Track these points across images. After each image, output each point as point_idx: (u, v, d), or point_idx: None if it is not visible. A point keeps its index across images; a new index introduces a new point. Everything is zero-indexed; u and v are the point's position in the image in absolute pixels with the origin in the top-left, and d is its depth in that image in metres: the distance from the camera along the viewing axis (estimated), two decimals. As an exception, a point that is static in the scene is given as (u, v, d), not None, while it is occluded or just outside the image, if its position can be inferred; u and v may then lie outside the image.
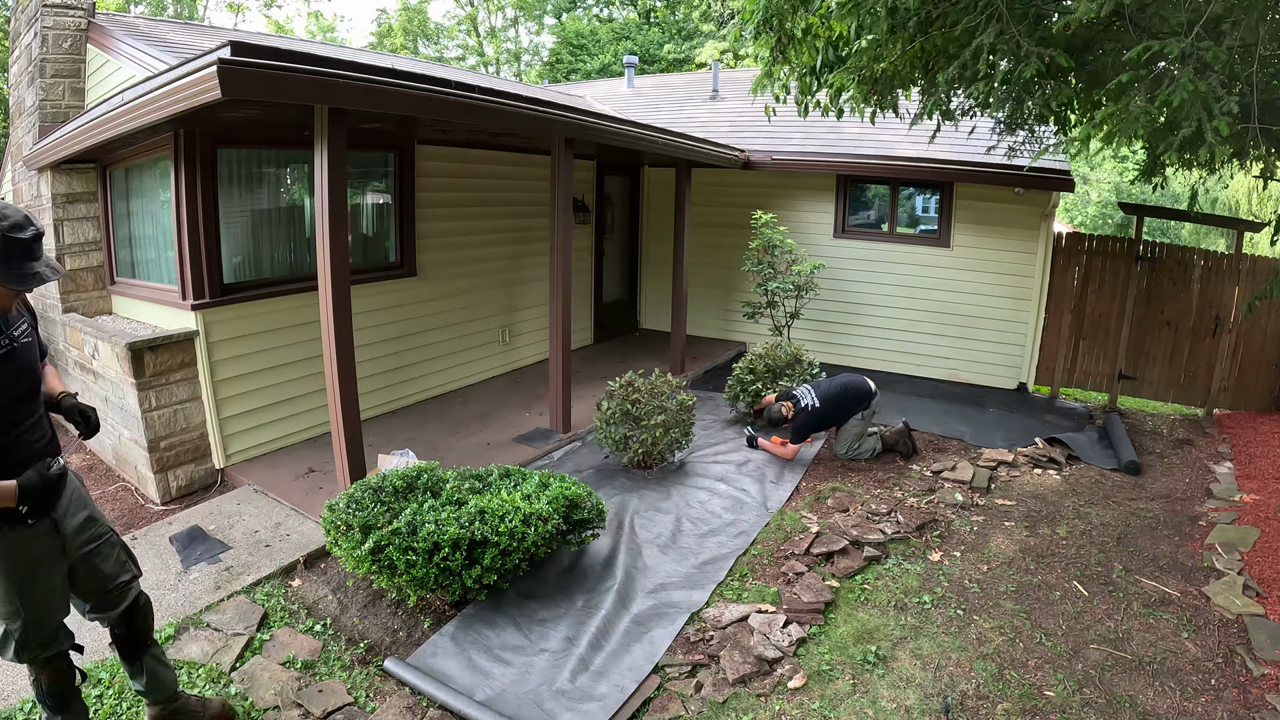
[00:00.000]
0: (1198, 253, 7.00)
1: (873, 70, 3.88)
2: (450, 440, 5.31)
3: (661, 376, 5.10)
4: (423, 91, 3.65)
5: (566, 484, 3.61)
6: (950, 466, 5.23)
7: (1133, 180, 8.06)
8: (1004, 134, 4.95)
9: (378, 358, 5.62)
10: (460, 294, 6.45)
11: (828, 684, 2.92)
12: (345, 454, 3.88)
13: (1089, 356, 7.36)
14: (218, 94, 2.82)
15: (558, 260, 5.18)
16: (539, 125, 4.61)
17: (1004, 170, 6.42)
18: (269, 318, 4.84)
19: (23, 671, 2.83)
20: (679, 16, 25.23)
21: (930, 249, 7.63)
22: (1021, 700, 2.81)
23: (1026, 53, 2.97)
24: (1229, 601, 3.49)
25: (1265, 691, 2.84)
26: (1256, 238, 8.72)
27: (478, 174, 6.58)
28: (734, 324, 8.65)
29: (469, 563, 3.14)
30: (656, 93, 11.71)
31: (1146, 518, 4.55)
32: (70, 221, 5.31)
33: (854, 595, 3.56)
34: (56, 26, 5.37)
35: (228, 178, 4.63)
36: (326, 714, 2.72)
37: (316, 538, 3.79)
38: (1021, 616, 3.42)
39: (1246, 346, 6.87)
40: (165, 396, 4.37)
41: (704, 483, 4.87)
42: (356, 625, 3.28)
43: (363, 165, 5.63)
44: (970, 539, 4.22)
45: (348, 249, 3.73)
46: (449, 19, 28.67)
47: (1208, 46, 2.64)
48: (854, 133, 7.79)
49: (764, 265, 7.15)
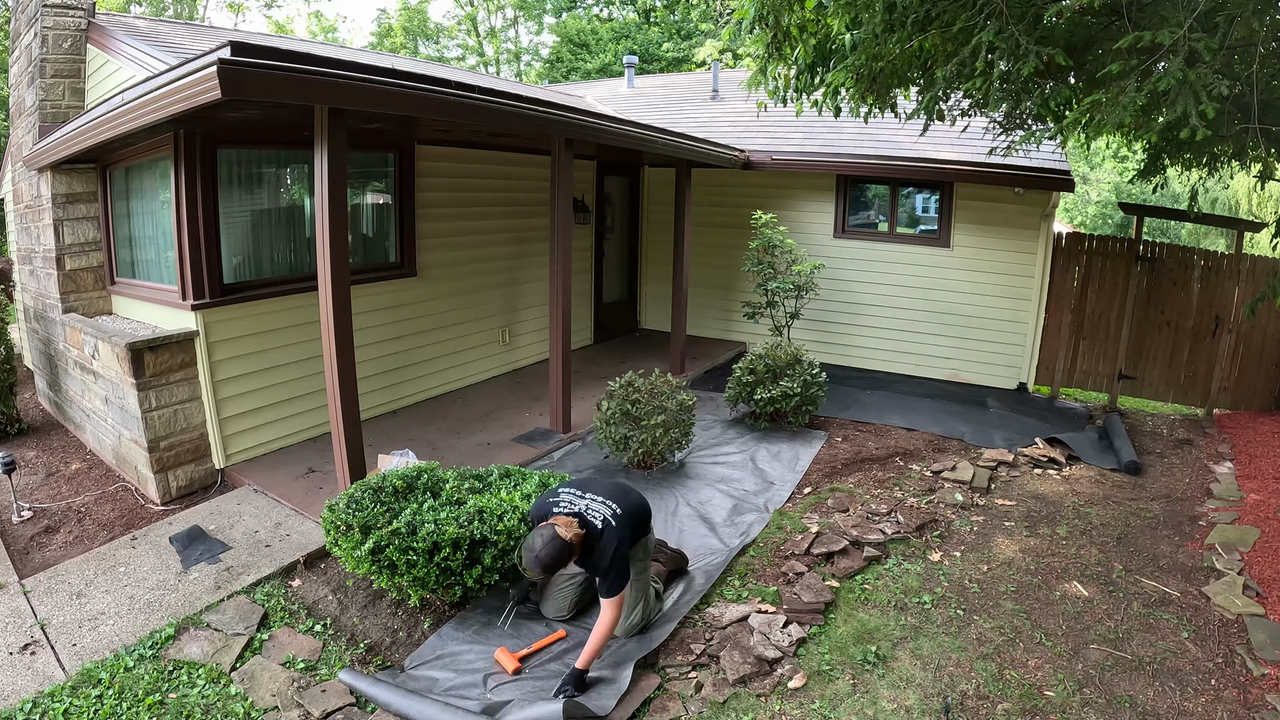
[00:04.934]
0: (1198, 253, 7.00)
1: (870, 68, 3.88)
2: (450, 440, 5.31)
3: (661, 376, 5.10)
4: (423, 92, 3.65)
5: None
6: (950, 466, 5.23)
7: (1133, 180, 8.06)
8: (1002, 132, 4.95)
9: (378, 358, 5.62)
10: (460, 294, 6.45)
11: (828, 684, 2.91)
12: (345, 454, 3.88)
13: (1089, 356, 7.36)
14: (218, 94, 2.82)
15: (558, 260, 5.18)
16: (539, 125, 4.61)
17: (1004, 170, 6.43)
18: (269, 318, 4.84)
19: (23, 671, 2.83)
20: (678, 16, 25.23)
21: (930, 249, 7.63)
22: (1021, 700, 2.81)
23: (1025, 50, 2.97)
24: (1229, 601, 3.49)
25: (1265, 691, 2.84)
26: (1256, 238, 8.72)
27: (478, 174, 6.58)
28: (734, 324, 8.65)
29: (469, 562, 3.14)
30: (656, 93, 11.71)
31: (1146, 518, 4.55)
32: (70, 221, 5.31)
33: (854, 595, 3.56)
34: (56, 26, 5.37)
35: (228, 178, 4.63)
36: (326, 714, 2.72)
37: (316, 538, 3.79)
38: (1021, 616, 3.42)
39: (1246, 347, 6.87)
40: (165, 397, 4.37)
41: (704, 483, 4.87)
42: (356, 625, 3.28)
43: (363, 165, 5.63)
44: (970, 539, 4.22)
45: (348, 249, 3.73)
46: (449, 19, 28.67)
47: (1200, 38, 2.64)
48: (854, 132, 7.79)
49: (764, 265, 7.15)
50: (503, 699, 2.82)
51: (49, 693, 2.71)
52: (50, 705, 2.65)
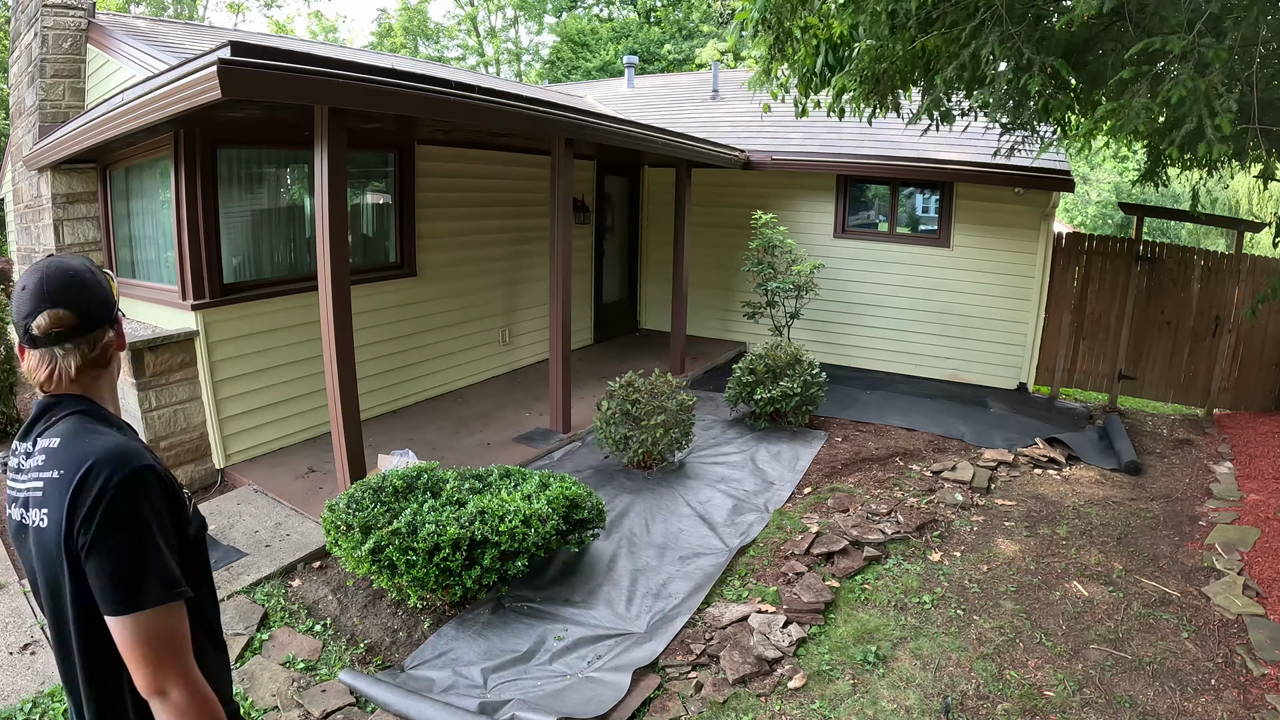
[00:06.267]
0: (1198, 253, 7.01)
1: (874, 70, 3.88)
2: (450, 440, 5.31)
3: (661, 376, 5.10)
4: (423, 91, 3.65)
5: (566, 484, 3.61)
6: (950, 466, 5.23)
7: (1133, 181, 8.06)
8: (1004, 134, 4.95)
9: (378, 358, 5.62)
10: (460, 294, 6.45)
11: (828, 684, 2.91)
12: (345, 454, 3.88)
13: (1089, 356, 7.36)
14: (218, 94, 2.82)
15: (558, 260, 5.18)
16: (539, 125, 4.61)
17: (1004, 170, 6.43)
18: (269, 318, 4.84)
19: (23, 671, 2.83)
20: (679, 16, 25.23)
21: (930, 249, 7.63)
22: (1021, 700, 2.81)
23: (1029, 61, 2.96)
24: (1229, 601, 3.49)
25: (1265, 691, 2.84)
26: (1256, 238, 8.72)
27: (478, 174, 6.58)
28: (734, 324, 8.65)
29: (469, 563, 3.14)
30: (657, 93, 11.71)
31: (1146, 518, 4.55)
32: (70, 221, 5.31)
33: (854, 595, 3.56)
34: (57, 26, 5.38)
35: (228, 178, 4.63)
36: (326, 714, 2.72)
37: (316, 538, 3.79)
38: (1021, 616, 3.42)
39: (1246, 347, 6.87)
40: (165, 396, 4.37)
41: (704, 483, 4.87)
42: (356, 625, 3.28)
43: (363, 165, 5.63)
44: (970, 539, 4.22)
45: (348, 249, 3.73)
46: (449, 19, 28.68)
47: (1209, 44, 2.64)
48: (854, 133, 7.78)
49: (764, 265, 7.15)
50: (503, 699, 2.82)
51: (49, 693, 2.71)
52: (50, 705, 2.65)
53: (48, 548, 1.17)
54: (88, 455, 1.16)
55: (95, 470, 1.14)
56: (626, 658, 3.05)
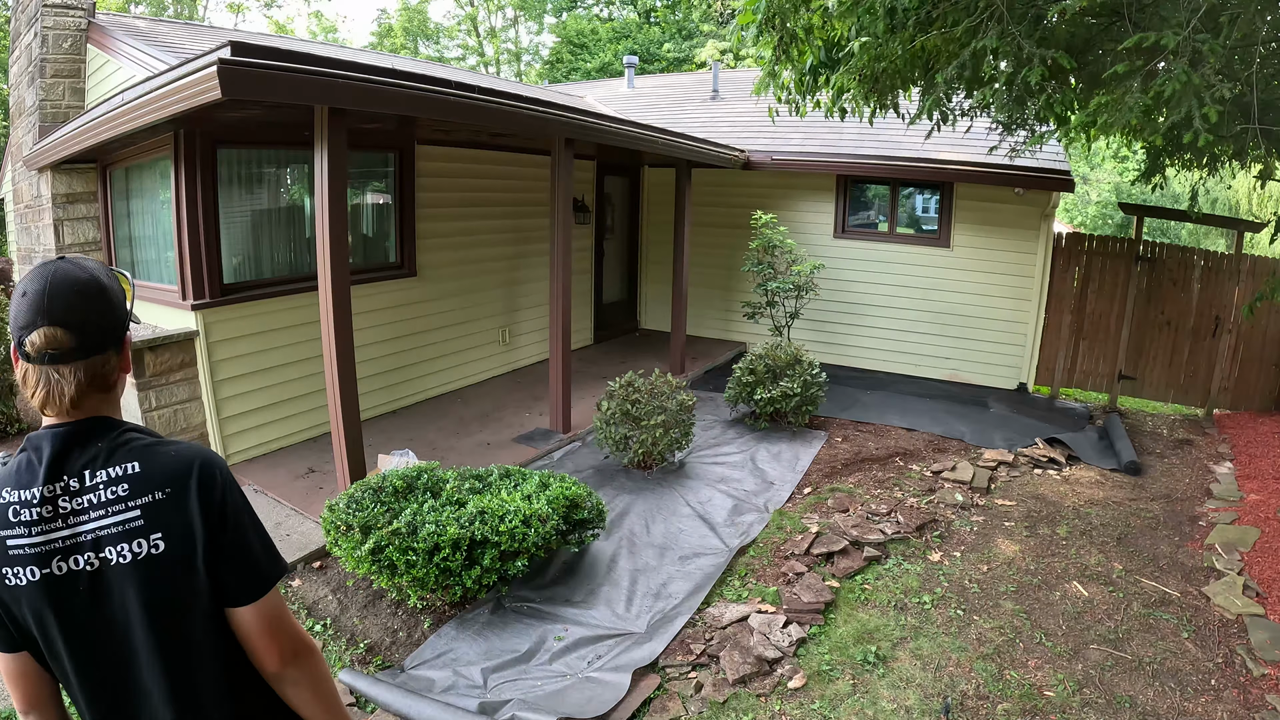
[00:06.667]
0: (1198, 253, 7.01)
1: (873, 70, 3.88)
2: (450, 440, 5.31)
3: (661, 376, 5.10)
4: (423, 91, 3.65)
5: (566, 484, 3.61)
6: (950, 466, 5.23)
7: (1133, 180, 8.07)
8: (1004, 134, 4.95)
9: (378, 358, 5.62)
10: (460, 294, 6.45)
11: (828, 684, 2.91)
12: (345, 454, 3.88)
13: (1089, 357, 7.36)
14: (218, 94, 2.82)
15: (558, 260, 5.18)
16: (539, 125, 4.61)
17: (1004, 170, 6.43)
18: (269, 318, 4.84)
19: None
20: (679, 16, 25.23)
21: (930, 249, 7.63)
22: (1021, 700, 2.81)
23: (1028, 55, 2.97)
24: (1229, 601, 3.49)
25: (1265, 691, 2.84)
26: (1256, 238, 8.72)
27: (478, 174, 6.58)
28: (734, 324, 8.65)
29: (469, 563, 3.14)
30: (657, 93, 11.71)
31: (1146, 518, 4.55)
32: (70, 221, 5.31)
33: (854, 595, 3.56)
34: (57, 26, 5.38)
35: (228, 178, 4.63)
36: (326, 714, 2.72)
37: (316, 538, 3.79)
38: (1021, 616, 3.42)
39: (1246, 347, 6.87)
40: (165, 396, 4.37)
41: (704, 483, 4.87)
42: (356, 625, 3.28)
43: (363, 165, 5.63)
44: (970, 539, 4.22)
45: (348, 249, 3.73)
46: (449, 19, 28.68)
47: (1204, 39, 2.64)
48: (854, 133, 7.79)
49: (764, 265, 7.15)
50: (503, 699, 2.82)
51: None
52: None
53: (168, 572, 1.10)
54: (188, 462, 1.13)
55: (207, 469, 1.14)
56: (626, 658, 3.05)
